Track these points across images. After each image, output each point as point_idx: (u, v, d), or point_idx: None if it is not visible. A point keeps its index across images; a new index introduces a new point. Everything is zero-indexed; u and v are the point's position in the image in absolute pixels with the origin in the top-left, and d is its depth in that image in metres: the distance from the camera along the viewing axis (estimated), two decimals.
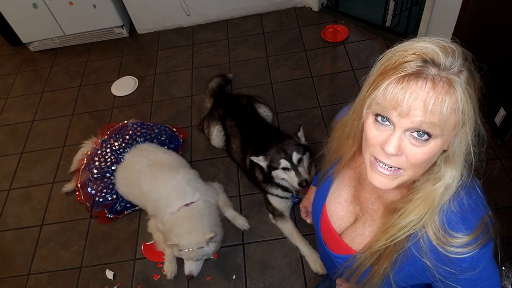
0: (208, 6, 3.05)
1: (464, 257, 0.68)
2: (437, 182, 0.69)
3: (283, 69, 2.72)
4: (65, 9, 2.92)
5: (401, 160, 0.66)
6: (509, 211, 1.84)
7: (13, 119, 2.76)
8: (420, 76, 0.60)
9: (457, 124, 0.63)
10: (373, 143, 0.68)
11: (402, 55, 0.62)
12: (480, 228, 0.69)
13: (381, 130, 0.66)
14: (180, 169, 1.94)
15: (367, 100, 0.67)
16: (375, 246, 0.77)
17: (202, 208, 1.80)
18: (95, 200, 2.05)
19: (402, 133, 0.64)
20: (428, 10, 2.35)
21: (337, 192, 0.93)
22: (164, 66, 2.93)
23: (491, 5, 1.91)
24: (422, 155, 0.64)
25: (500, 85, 1.92)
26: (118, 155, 2.10)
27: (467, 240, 0.68)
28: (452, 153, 0.67)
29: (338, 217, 0.92)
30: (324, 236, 0.96)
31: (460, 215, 0.70)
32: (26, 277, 1.97)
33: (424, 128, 0.61)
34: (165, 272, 1.86)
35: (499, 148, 2.05)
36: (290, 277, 1.80)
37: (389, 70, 0.63)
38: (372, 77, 0.67)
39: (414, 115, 0.61)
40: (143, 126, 2.27)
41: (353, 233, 0.88)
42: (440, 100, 0.59)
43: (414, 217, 0.70)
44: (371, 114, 0.67)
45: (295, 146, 1.74)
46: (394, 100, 0.61)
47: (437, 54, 0.61)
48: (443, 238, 0.69)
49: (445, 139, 0.64)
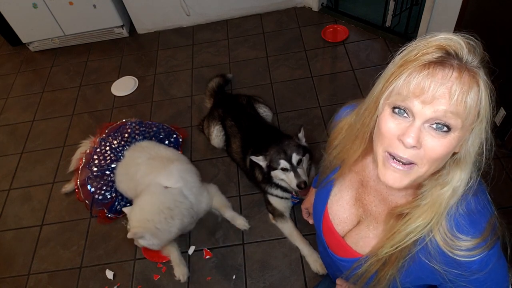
0: (208, 6, 3.05)
1: (473, 260, 0.67)
2: (445, 186, 0.67)
3: (283, 69, 2.72)
4: (65, 9, 2.92)
5: (420, 154, 0.64)
6: (509, 211, 1.85)
7: (13, 119, 2.76)
8: (445, 65, 0.59)
9: (476, 119, 0.62)
10: (389, 136, 0.65)
11: (425, 46, 0.61)
12: (488, 230, 0.68)
13: (399, 122, 0.64)
14: (176, 161, 1.96)
15: (385, 92, 0.65)
16: (381, 253, 0.75)
17: (171, 197, 1.75)
18: (94, 198, 2.05)
19: (421, 125, 0.62)
20: (428, 10, 2.35)
21: (338, 194, 0.92)
22: (164, 66, 2.93)
23: (491, 5, 1.91)
24: (441, 149, 0.62)
25: (500, 85, 1.91)
26: (117, 153, 2.11)
27: (476, 243, 0.67)
28: (464, 153, 0.65)
29: (341, 219, 0.90)
30: (326, 238, 0.95)
31: (468, 217, 0.69)
32: (26, 277, 1.97)
33: (447, 119, 0.60)
34: (177, 277, 1.82)
35: (499, 148, 2.05)
36: (290, 277, 1.80)
37: (411, 61, 0.61)
38: (390, 71, 0.65)
39: (438, 104, 0.59)
40: (141, 125, 2.27)
41: (357, 236, 0.87)
42: (466, 90, 0.59)
43: (420, 222, 0.69)
44: (388, 106, 0.65)
45: (295, 147, 1.74)
46: (418, 88, 0.60)
47: (461, 47, 0.60)
48: (451, 241, 0.68)
49: (463, 134, 0.63)
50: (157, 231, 1.66)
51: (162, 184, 1.80)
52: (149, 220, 1.66)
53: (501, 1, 1.80)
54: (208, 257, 1.90)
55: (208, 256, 1.90)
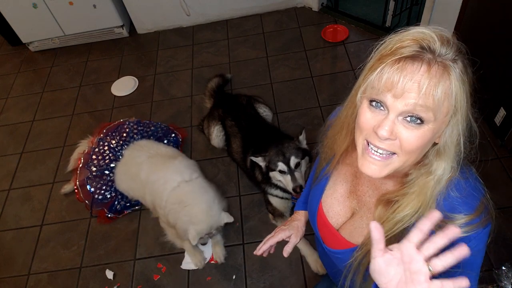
0: (208, 6, 3.05)
1: (469, 235, 0.68)
2: (430, 175, 0.69)
3: (283, 69, 2.72)
4: (65, 9, 2.92)
5: (395, 144, 0.66)
6: (509, 211, 1.84)
7: (13, 119, 2.76)
8: (416, 59, 0.61)
9: (449, 111, 0.63)
10: (366, 127, 0.68)
11: (400, 40, 0.63)
12: (481, 208, 0.69)
13: (375, 114, 0.66)
14: (178, 157, 1.98)
15: (362, 86, 0.67)
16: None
17: (203, 183, 1.82)
18: (94, 198, 2.06)
19: (395, 117, 0.64)
20: (428, 10, 2.35)
21: (333, 188, 0.93)
22: (164, 66, 2.93)
23: (491, 5, 1.91)
24: (416, 140, 0.64)
25: (500, 85, 1.92)
26: (116, 152, 2.11)
27: (470, 219, 0.68)
28: (443, 144, 0.67)
29: (335, 212, 0.92)
30: (321, 232, 0.96)
31: (460, 199, 0.70)
32: (26, 277, 1.97)
33: (417, 112, 0.62)
34: (196, 265, 1.85)
35: (499, 148, 2.05)
36: (290, 277, 1.80)
37: (386, 56, 0.63)
38: (369, 64, 0.68)
39: (408, 97, 0.61)
40: (139, 124, 2.27)
41: (351, 227, 0.88)
42: (434, 83, 0.60)
43: (409, 211, 0.70)
44: (366, 99, 0.68)
45: (294, 149, 1.73)
46: (389, 82, 0.62)
47: (433, 40, 0.62)
48: (443, 223, 0.68)
49: (438, 126, 0.64)
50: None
51: (180, 179, 1.82)
52: (212, 215, 1.72)
53: (501, 1, 1.80)
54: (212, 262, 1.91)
55: (212, 262, 1.90)
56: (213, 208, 1.72)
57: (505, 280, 1.58)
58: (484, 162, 0.76)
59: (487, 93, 0.68)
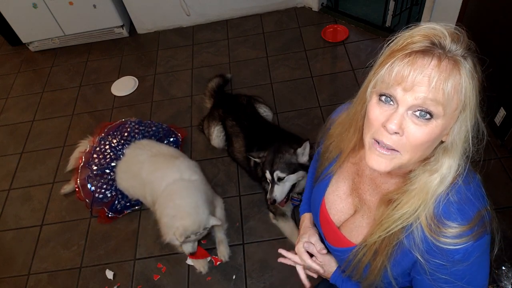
0: (208, 6, 3.05)
1: (457, 248, 0.68)
2: (434, 173, 0.69)
3: (283, 69, 2.72)
4: (65, 9, 2.92)
5: (402, 141, 0.65)
6: (509, 211, 1.85)
7: (13, 119, 2.76)
8: (426, 54, 0.61)
9: (458, 106, 0.63)
10: (375, 124, 0.68)
11: (410, 36, 0.64)
12: (476, 220, 0.69)
13: (384, 109, 0.66)
14: (180, 157, 1.98)
15: (372, 80, 0.67)
16: (370, 240, 0.77)
17: (200, 185, 1.81)
18: (94, 197, 2.05)
19: (405, 111, 0.64)
20: (428, 10, 2.36)
21: (335, 185, 0.93)
22: (164, 66, 2.93)
23: (491, 5, 1.91)
24: (423, 136, 0.64)
25: (500, 85, 1.92)
26: (117, 151, 2.11)
27: (462, 231, 0.68)
28: (451, 141, 0.67)
29: (337, 209, 0.92)
30: (323, 229, 0.96)
31: (458, 205, 0.70)
32: (26, 277, 1.97)
33: (427, 106, 0.62)
34: (200, 270, 1.85)
35: (499, 148, 2.05)
36: (290, 277, 1.80)
37: (397, 51, 0.64)
38: (379, 61, 0.68)
39: (418, 91, 0.61)
40: (141, 124, 2.27)
41: (352, 225, 0.88)
42: (444, 77, 0.60)
43: (408, 209, 0.70)
44: (375, 94, 0.68)
45: (284, 164, 1.67)
46: (399, 75, 0.62)
47: (444, 36, 0.62)
48: (437, 228, 0.69)
49: (446, 122, 0.64)
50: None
51: (179, 178, 1.82)
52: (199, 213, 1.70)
53: (501, 1, 1.80)
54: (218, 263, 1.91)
55: (219, 262, 1.90)
56: (201, 207, 1.70)
57: (505, 280, 1.58)
58: (484, 162, 0.76)
59: (488, 92, 0.68)
